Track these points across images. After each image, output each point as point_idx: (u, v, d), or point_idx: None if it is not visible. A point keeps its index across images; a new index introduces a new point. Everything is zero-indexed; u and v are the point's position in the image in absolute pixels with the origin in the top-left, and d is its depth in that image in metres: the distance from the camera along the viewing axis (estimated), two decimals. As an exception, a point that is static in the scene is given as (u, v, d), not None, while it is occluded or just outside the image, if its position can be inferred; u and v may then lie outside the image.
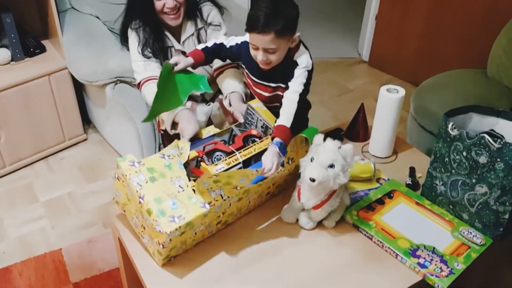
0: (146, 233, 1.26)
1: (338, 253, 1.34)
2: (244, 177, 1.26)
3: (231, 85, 1.74)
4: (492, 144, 1.26)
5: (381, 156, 1.71)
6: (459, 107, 1.41)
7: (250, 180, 1.28)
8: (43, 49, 2.35)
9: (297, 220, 1.42)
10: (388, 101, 1.61)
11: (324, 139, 1.33)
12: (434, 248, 1.32)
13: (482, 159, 1.29)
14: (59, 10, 2.32)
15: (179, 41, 1.84)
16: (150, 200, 1.19)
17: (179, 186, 1.24)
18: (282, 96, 1.49)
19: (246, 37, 1.53)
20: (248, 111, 1.55)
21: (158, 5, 1.70)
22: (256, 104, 1.54)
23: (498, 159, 1.26)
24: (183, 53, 1.84)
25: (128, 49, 1.86)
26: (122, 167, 1.23)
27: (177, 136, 1.69)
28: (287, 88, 1.48)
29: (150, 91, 1.69)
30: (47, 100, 2.30)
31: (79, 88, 2.46)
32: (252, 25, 1.38)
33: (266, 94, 1.60)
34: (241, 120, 1.58)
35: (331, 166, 1.26)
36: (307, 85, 1.48)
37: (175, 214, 1.18)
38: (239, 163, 1.38)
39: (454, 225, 1.40)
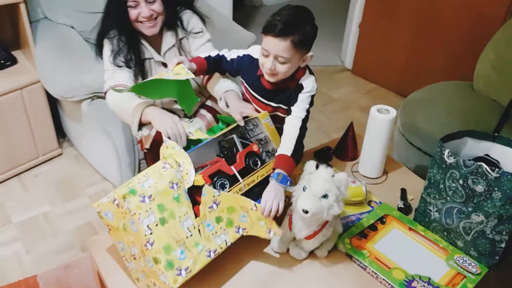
0: (137, 266, 1.21)
1: (331, 285, 1.29)
2: (243, 211, 1.25)
3: (224, 85, 1.63)
4: (489, 173, 1.22)
5: (371, 176, 1.67)
6: (454, 132, 1.37)
7: (253, 221, 1.26)
8: (14, 61, 2.23)
9: (288, 250, 1.36)
10: (379, 122, 1.57)
11: (317, 165, 1.27)
12: (429, 279, 1.27)
13: (479, 188, 1.25)
14: (31, 20, 2.21)
15: (159, 52, 1.75)
16: (159, 248, 1.15)
17: (187, 229, 1.21)
18: (281, 118, 1.47)
19: (249, 50, 1.52)
20: (254, 122, 1.47)
21: (132, 14, 1.63)
22: (265, 120, 1.44)
23: (496, 188, 1.23)
24: (164, 64, 1.75)
25: (101, 58, 1.77)
26: (132, 203, 1.15)
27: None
28: (288, 110, 1.44)
29: (116, 97, 1.59)
30: (19, 114, 2.18)
31: (53, 100, 2.34)
32: (270, 28, 1.32)
33: (274, 113, 1.53)
34: (242, 123, 1.46)
35: (325, 196, 1.21)
36: (309, 110, 1.44)
37: (182, 266, 1.17)
38: (242, 194, 1.33)
39: (448, 252, 1.36)
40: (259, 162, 1.43)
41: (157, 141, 1.53)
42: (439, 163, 1.34)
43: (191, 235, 1.21)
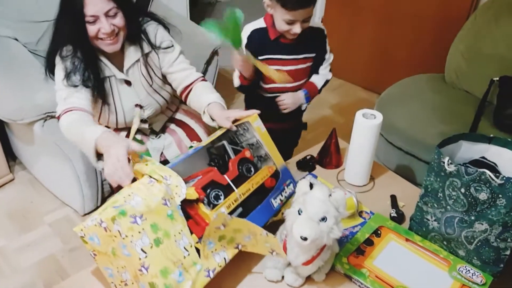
0: None
1: (334, 312, 1.19)
2: (251, 234, 1.15)
3: (204, 99, 1.52)
4: (493, 180, 1.15)
5: (358, 184, 1.58)
6: (450, 137, 1.29)
7: (257, 241, 1.18)
8: (-50, 80, 1.98)
9: (283, 277, 1.25)
10: (365, 128, 1.47)
11: (311, 185, 1.16)
12: (436, 295, 1.19)
13: (483, 196, 1.18)
14: (-32, 32, 1.98)
15: (121, 69, 1.57)
16: (155, 272, 1.04)
17: (184, 248, 1.12)
18: (311, 68, 1.68)
19: (249, 28, 1.59)
20: (244, 127, 1.38)
21: (91, 30, 1.42)
22: (256, 124, 1.36)
23: (500, 195, 1.16)
24: (127, 82, 1.58)
25: (54, 80, 1.53)
26: (122, 225, 1.03)
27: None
28: (315, 58, 1.68)
29: (69, 124, 1.37)
30: (-40, 140, 1.95)
31: (-1, 120, 2.11)
32: (297, 4, 1.44)
33: (300, 67, 1.66)
34: (234, 128, 1.37)
35: (323, 219, 1.09)
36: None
37: None
38: (238, 205, 1.26)
39: (450, 263, 1.28)
40: (252, 169, 1.34)
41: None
42: (436, 171, 1.25)
43: (188, 255, 1.12)
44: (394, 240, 1.36)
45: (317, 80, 1.72)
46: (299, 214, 1.11)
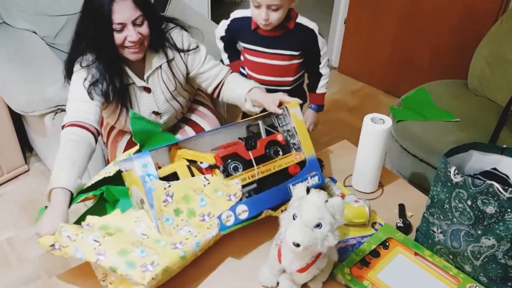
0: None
1: (328, 323, 1.14)
2: (201, 194, 1.18)
3: (240, 88, 1.53)
4: (501, 193, 1.08)
5: (366, 191, 1.53)
6: (459, 146, 1.22)
7: (214, 200, 1.19)
8: (-30, 71, 2.03)
9: (278, 283, 1.21)
10: (374, 133, 1.42)
11: (308, 189, 1.12)
12: (440, 313, 1.13)
13: (490, 209, 1.11)
14: (-12, 25, 2.02)
15: (141, 77, 1.54)
16: (113, 255, 1.03)
17: (141, 234, 1.11)
18: (297, 66, 1.62)
19: (230, 17, 1.61)
20: (284, 112, 1.37)
21: (118, 38, 1.39)
22: (294, 110, 1.36)
23: (509, 210, 1.09)
24: (146, 89, 1.56)
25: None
26: (68, 230, 1.07)
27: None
28: (306, 58, 1.61)
29: (63, 143, 1.35)
30: (-22, 130, 1.99)
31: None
32: None
33: (277, 62, 1.60)
34: (279, 111, 1.36)
35: (318, 225, 1.05)
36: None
37: (147, 262, 1.05)
38: (254, 181, 1.27)
39: (460, 281, 1.21)
40: (280, 152, 1.34)
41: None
42: (443, 181, 1.19)
43: (147, 237, 1.11)
44: (402, 253, 1.30)
45: (321, 88, 1.72)
46: (294, 219, 1.08)
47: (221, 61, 1.72)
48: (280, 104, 1.38)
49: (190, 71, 1.61)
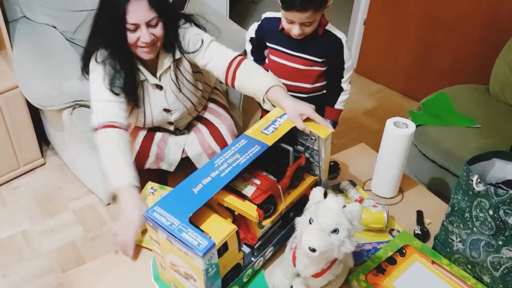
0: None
1: (342, 330, 1.12)
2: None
3: (258, 84, 1.37)
4: (526, 204, 1.05)
5: (386, 196, 1.50)
6: (482, 154, 1.19)
7: None
8: (-10, 65, 2.05)
9: (291, 286, 1.19)
10: (396, 138, 1.39)
11: (325, 193, 1.10)
12: (457, 325, 1.10)
13: (513, 220, 1.08)
14: (9, 19, 2.03)
15: (153, 74, 1.53)
16: None
17: None
18: (317, 74, 1.58)
19: (269, 13, 1.58)
20: (312, 136, 1.27)
21: (131, 37, 1.38)
22: (328, 142, 1.26)
23: (533, 221, 1.06)
24: (158, 86, 1.56)
25: (87, 79, 1.50)
26: None
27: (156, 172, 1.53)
28: (330, 66, 1.57)
29: (104, 145, 1.38)
30: (-4, 122, 2.01)
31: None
32: (290, 5, 1.40)
33: (298, 66, 1.57)
34: (307, 130, 1.25)
35: (335, 231, 1.03)
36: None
37: None
38: (280, 217, 1.26)
39: (478, 292, 1.19)
40: (302, 177, 1.31)
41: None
42: (464, 189, 1.16)
43: None
44: (419, 261, 1.27)
45: (340, 104, 1.65)
46: (310, 223, 1.06)
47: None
48: (307, 119, 1.26)
49: (198, 65, 1.55)
